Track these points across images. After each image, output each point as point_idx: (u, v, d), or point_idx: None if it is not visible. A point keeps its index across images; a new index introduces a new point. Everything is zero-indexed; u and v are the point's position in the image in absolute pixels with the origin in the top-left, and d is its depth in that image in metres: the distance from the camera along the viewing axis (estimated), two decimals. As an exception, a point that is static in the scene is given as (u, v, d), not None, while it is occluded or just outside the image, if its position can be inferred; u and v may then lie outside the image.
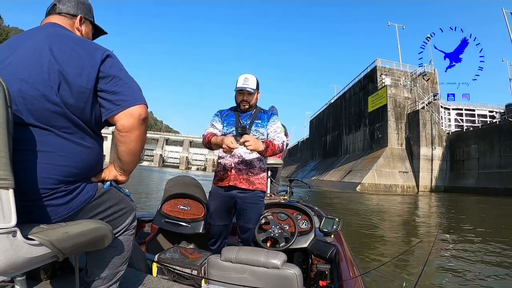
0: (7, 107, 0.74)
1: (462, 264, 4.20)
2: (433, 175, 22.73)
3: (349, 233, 5.61)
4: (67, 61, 0.93)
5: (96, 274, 1.12)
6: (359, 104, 29.87)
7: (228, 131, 2.10)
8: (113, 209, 1.10)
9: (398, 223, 8.15)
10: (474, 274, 3.77)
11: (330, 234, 2.20)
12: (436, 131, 23.34)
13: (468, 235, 6.19)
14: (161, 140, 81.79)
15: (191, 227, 2.30)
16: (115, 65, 1.02)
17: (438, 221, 8.67)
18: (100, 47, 1.02)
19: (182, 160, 78.88)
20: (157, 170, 47.99)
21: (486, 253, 4.77)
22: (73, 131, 0.95)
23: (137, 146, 1.05)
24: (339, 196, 15.76)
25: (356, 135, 29.83)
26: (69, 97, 0.93)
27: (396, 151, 23.86)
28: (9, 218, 0.72)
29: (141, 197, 9.77)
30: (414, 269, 3.69)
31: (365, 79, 29.37)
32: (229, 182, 2.05)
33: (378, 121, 25.61)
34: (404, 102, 25.05)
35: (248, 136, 1.84)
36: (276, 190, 3.49)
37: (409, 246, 4.62)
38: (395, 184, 22.26)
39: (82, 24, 1.16)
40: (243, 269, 1.46)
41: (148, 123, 1.09)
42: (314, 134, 45.95)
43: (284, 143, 2.09)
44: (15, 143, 0.79)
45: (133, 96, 1.00)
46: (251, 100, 2.11)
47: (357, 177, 23.33)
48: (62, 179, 0.91)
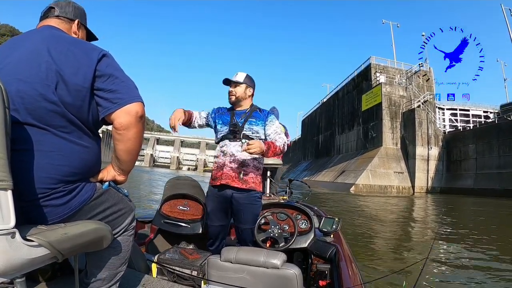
0: (5, 108, 0.75)
1: (460, 267, 4.26)
2: (429, 175, 22.14)
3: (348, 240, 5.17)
4: (64, 61, 0.95)
5: (96, 275, 1.13)
6: (352, 103, 29.15)
7: (222, 130, 2.13)
8: (112, 210, 1.11)
9: (397, 230, 7.46)
10: (473, 278, 3.79)
11: (330, 234, 2.21)
12: (432, 130, 22.67)
13: (465, 240, 6.00)
14: (151, 140, 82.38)
15: (191, 228, 2.31)
16: (111, 64, 1.03)
17: (434, 225, 8.19)
18: (96, 47, 1.04)
19: (173, 160, 79.48)
20: (147, 170, 47.33)
21: (484, 259, 4.65)
22: (71, 130, 0.97)
23: (134, 144, 1.06)
24: (332, 198, 14.70)
25: (349, 134, 29.09)
26: (66, 96, 0.94)
27: (391, 151, 23.01)
28: (8, 219, 0.73)
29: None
30: (413, 270, 3.68)
31: (359, 77, 28.60)
32: (221, 181, 2.03)
33: (372, 120, 24.82)
34: (399, 101, 24.28)
35: (253, 141, 1.83)
36: (276, 190, 3.48)
37: (410, 264, 4.09)
38: (390, 185, 21.37)
39: (79, 29, 1.19)
40: (243, 270, 1.46)
41: None
42: (306, 134, 45.51)
43: (285, 144, 2.05)
44: (13, 143, 0.80)
45: (130, 94, 1.01)
46: (238, 92, 2.12)
47: (350, 177, 22.42)
48: (61, 178, 0.92)
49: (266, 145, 1.87)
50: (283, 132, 2.29)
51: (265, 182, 3.10)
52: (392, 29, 30.86)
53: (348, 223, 6.97)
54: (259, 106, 2.20)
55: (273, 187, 3.41)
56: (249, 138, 2.00)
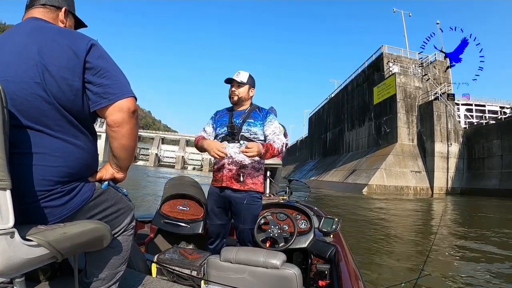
0: (3, 107, 0.74)
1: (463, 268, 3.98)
2: (449, 175, 20.06)
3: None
4: (51, 56, 0.91)
5: (95, 274, 1.12)
6: (363, 96, 27.18)
7: (220, 132, 2.12)
8: (111, 209, 1.10)
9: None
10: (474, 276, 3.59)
11: (330, 234, 2.22)
12: (452, 125, 20.62)
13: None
14: (156, 139, 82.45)
15: (190, 228, 2.33)
16: (102, 55, 0.99)
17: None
18: (84, 37, 1.00)
19: (178, 160, 79.17)
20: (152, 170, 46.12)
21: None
22: (66, 129, 0.95)
23: (130, 141, 1.05)
24: (343, 204, 12.83)
25: (360, 130, 27.12)
26: (58, 92, 0.91)
27: (407, 148, 20.97)
28: (6, 219, 0.72)
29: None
30: (413, 269, 3.61)
31: (369, 68, 26.58)
32: (222, 183, 2.04)
33: (386, 114, 22.83)
34: (415, 92, 22.24)
35: (252, 144, 1.83)
36: (276, 190, 3.47)
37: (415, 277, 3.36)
38: (406, 186, 19.34)
39: (67, 17, 1.13)
40: (243, 270, 1.47)
41: (146, 122, 1.32)
42: (313, 132, 43.67)
43: (284, 145, 2.05)
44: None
45: (121, 89, 0.98)
46: (241, 93, 2.11)
47: (362, 177, 20.44)
48: (57, 179, 0.91)
49: (264, 148, 1.88)
50: (282, 132, 2.27)
51: (265, 182, 2.94)
52: (404, 18, 29.12)
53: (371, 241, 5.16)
54: (259, 105, 2.19)
55: (273, 187, 3.39)
56: (248, 140, 2.00)
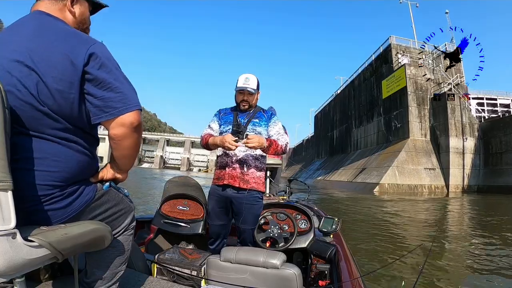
0: (4, 108, 0.74)
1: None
2: (465, 172, 18.78)
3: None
4: (48, 65, 0.87)
5: (96, 274, 1.12)
6: (370, 91, 25.90)
7: (225, 130, 2.12)
8: (112, 210, 1.09)
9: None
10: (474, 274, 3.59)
11: (330, 234, 2.23)
12: (466, 118, 19.33)
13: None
14: (161, 141, 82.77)
15: (190, 228, 2.32)
16: (104, 65, 0.93)
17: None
18: (85, 42, 0.93)
19: (184, 162, 79.22)
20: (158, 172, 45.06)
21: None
22: (64, 135, 0.93)
23: (131, 152, 1.05)
24: (354, 207, 11.72)
25: (368, 127, 25.85)
26: (53, 104, 0.88)
27: (419, 143, 19.69)
28: (8, 220, 0.72)
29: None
30: (413, 270, 3.55)
31: (377, 60, 25.27)
32: (223, 181, 2.05)
33: (396, 108, 21.58)
34: (427, 85, 20.94)
35: (253, 135, 1.87)
36: (276, 190, 3.45)
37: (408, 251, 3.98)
38: (420, 185, 18.07)
39: (75, 4, 1.06)
40: (243, 269, 1.47)
41: (152, 125, 1.26)
42: (320, 130, 42.41)
43: (287, 144, 2.08)
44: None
45: (124, 103, 0.94)
46: (251, 100, 2.12)
47: (373, 176, 19.21)
48: (57, 184, 0.90)
49: (268, 142, 1.93)
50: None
51: (265, 182, 2.92)
52: (411, 9, 27.55)
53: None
54: (262, 106, 2.22)
55: (273, 187, 3.40)
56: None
